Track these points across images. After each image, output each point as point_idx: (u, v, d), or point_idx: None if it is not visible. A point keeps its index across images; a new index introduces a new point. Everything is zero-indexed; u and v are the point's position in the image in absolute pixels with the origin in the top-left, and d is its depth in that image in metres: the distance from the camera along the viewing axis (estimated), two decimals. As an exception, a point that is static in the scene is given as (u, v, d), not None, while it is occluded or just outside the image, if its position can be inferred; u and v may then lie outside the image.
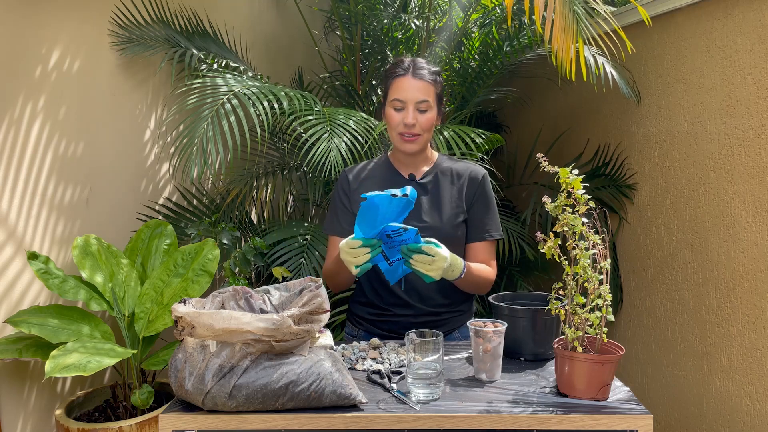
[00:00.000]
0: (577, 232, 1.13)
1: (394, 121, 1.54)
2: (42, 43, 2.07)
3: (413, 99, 1.51)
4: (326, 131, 2.21)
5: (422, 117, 1.53)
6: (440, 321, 1.59)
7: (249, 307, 1.22)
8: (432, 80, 1.54)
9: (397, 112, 1.54)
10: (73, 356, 1.70)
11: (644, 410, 1.09)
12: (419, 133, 1.54)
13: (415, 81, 1.52)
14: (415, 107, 1.52)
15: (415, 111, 1.52)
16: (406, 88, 1.52)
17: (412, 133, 1.53)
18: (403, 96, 1.52)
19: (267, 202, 2.83)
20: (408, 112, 1.51)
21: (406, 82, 1.53)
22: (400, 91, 1.53)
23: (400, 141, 1.55)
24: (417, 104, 1.52)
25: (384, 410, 1.09)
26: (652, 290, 2.63)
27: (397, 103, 1.53)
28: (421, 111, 1.52)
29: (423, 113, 1.53)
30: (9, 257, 1.99)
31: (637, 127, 2.69)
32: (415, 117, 1.51)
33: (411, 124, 1.52)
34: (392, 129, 1.56)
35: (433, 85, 1.54)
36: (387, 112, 1.56)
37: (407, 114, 1.51)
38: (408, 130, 1.53)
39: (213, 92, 2.20)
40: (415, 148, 1.56)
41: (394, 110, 1.54)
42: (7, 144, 1.98)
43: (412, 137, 1.54)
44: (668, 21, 2.46)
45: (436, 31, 3.16)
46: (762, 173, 2.06)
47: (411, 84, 1.52)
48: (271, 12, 3.33)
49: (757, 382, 2.10)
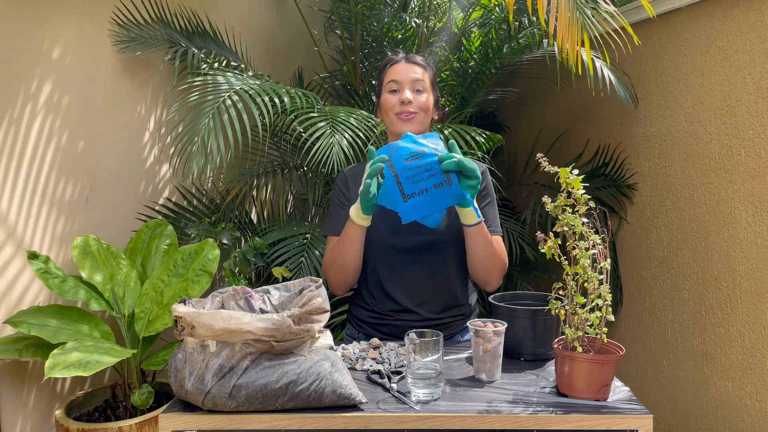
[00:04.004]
0: (577, 232, 1.13)
1: (390, 103, 1.55)
2: (42, 42, 2.07)
3: (408, 79, 1.54)
4: (328, 128, 2.22)
5: (418, 96, 1.54)
6: (441, 325, 1.58)
7: (249, 307, 1.22)
8: (425, 65, 1.59)
9: (393, 94, 1.55)
10: (73, 356, 1.70)
11: (644, 410, 1.08)
12: (416, 111, 1.54)
13: (409, 65, 1.57)
14: (411, 87, 1.54)
15: (411, 91, 1.54)
16: (401, 70, 1.56)
17: (409, 111, 1.53)
18: (399, 77, 1.55)
19: (267, 201, 2.83)
20: (404, 91, 1.54)
21: (400, 66, 1.57)
22: (395, 74, 1.56)
23: (398, 122, 1.55)
24: (412, 83, 1.54)
25: (384, 410, 1.09)
26: (652, 290, 2.63)
27: (393, 84, 1.55)
28: (417, 91, 1.54)
29: (419, 93, 1.55)
30: (9, 257, 1.99)
31: (637, 127, 2.69)
32: (411, 95, 1.53)
33: (407, 101, 1.52)
34: (388, 112, 1.56)
35: (427, 70, 1.58)
36: (383, 98, 1.57)
37: (403, 93, 1.54)
38: (405, 108, 1.53)
39: (214, 89, 2.20)
40: (413, 128, 1.55)
41: (389, 93, 1.56)
42: (7, 143, 1.98)
43: (410, 115, 1.54)
44: (668, 21, 2.46)
45: (435, 31, 3.16)
46: (762, 173, 2.06)
47: (405, 67, 1.57)
48: (271, 12, 3.33)
49: (757, 382, 2.10)
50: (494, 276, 1.53)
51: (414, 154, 1.22)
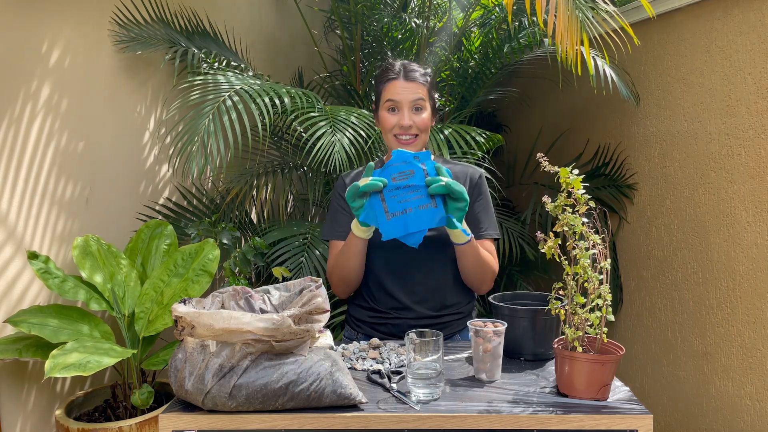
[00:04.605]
0: (577, 232, 1.13)
1: (389, 124, 1.54)
2: (42, 42, 2.07)
3: (407, 99, 1.51)
4: (329, 127, 2.21)
5: (418, 117, 1.52)
6: (440, 324, 1.58)
7: (249, 307, 1.22)
8: (424, 81, 1.55)
9: (392, 114, 1.53)
10: (73, 356, 1.70)
11: (644, 410, 1.08)
12: (417, 133, 1.53)
13: (407, 83, 1.53)
14: (409, 107, 1.52)
15: (410, 112, 1.52)
16: (399, 90, 1.52)
17: (409, 134, 1.52)
18: (397, 97, 1.52)
19: (267, 201, 2.83)
20: (403, 113, 1.51)
21: (398, 84, 1.53)
22: (393, 93, 1.53)
23: (397, 144, 1.54)
24: (411, 103, 1.52)
25: (384, 410, 1.09)
26: (652, 290, 2.63)
27: (391, 103, 1.53)
28: (417, 109, 1.52)
29: (418, 112, 1.53)
30: (9, 257, 1.99)
31: (637, 127, 2.69)
32: (411, 118, 1.51)
33: (408, 126, 1.51)
34: (387, 131, 1.55)
35: (426, 85, 1.55)
36: (381, 115, 1.56)
37: (403, 116, 1.51)
38: (405, 131, 1.52)
39: (214, 89, 2.20)
40: (414, 150, 1.55)
41: (388, 112, 1.54)
42: (7, 143, 1.98)
43: (411, 139, 1.53)
44: (668, 21, 2.46)
45: (435, 31, 3.16)
46: (762, 173, 2.06)
47: (403, 86, 1.53)
48: (271, 12, 3.33)
49: (757, 382, 2.10)
50: (485, 284, 1.58)
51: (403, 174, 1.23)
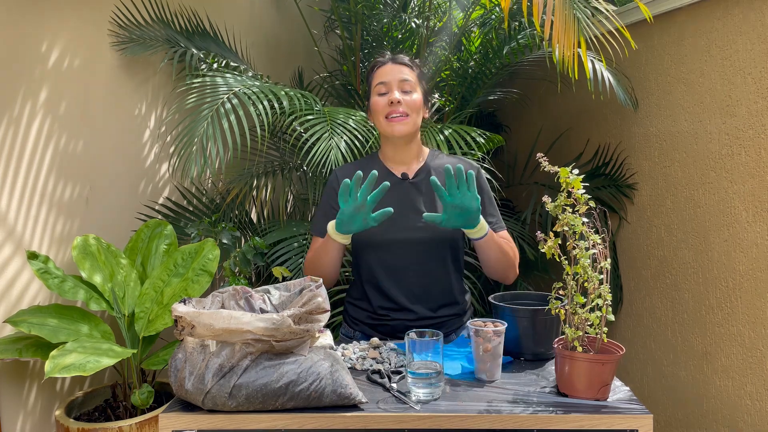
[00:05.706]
0: (577, 232, 1.13)
1: (380, 105, 1.54)
2: (42, 42, 2.07)
3: (396, 79, 1.54)
4: (326, 130, 2.21)
5: (407, 97, 1.53)
6: (437, 324, 1.58)
7: (249, 307, 1.22)
8: (411, 64, 1.59)
9: (382, 97, 1.55)
10: (73, 356, 1.70)
11: (644, 410, 1.08)
12: (406, 112, 1.53)
13: (396, 65, 1.57)
14: (398, 87, 1.53)
15: (399, 91, 1.53)
16: (388, 71, 1.55)
17: (398, 111, 1.52)
18: (386, 78, 1.54)
19: (267, 201, 2.83)
20: (392, 92, 1.53)
21: (387, 67, 1.57)
22: (382, 75, 1.56)
23: (388, 124, 1.54)
24: (400, 83, 1.53)
25: (384, 410, 1.09)
26: (652, 290, 2.63)
27: (381, 87, 1.55)
28: (405, 92, 1.54)
29: (407, 94, 1.54)
30: (8, 256, 1.99)
31: (637, 127, 2.69)
32: (400, 95, 1.53)
33: (396, 101, 1.51)
34: (378, 114, 1.55)
35: (414, 69, 1.58)
36: (372, 101, 1.57)
37: (392, 93, 1.53)
38: (394, 108, 1.52)
39: (213, 91, 2.20)
40: (404, 129, 1.53)
41: (378, 96, 1.55)
42: (7, 143, 1.98)
43: (400, 116, 1.52)
44: (668, 21, 2.46)
45: (435, 31, 3.16)
46: (762, 173, 2.06)
47: (392, 68, 1.56)
48: (271, 12, 3.33)
49: (757, 382, 2.10)
50: (511, 272, 1.56)
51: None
